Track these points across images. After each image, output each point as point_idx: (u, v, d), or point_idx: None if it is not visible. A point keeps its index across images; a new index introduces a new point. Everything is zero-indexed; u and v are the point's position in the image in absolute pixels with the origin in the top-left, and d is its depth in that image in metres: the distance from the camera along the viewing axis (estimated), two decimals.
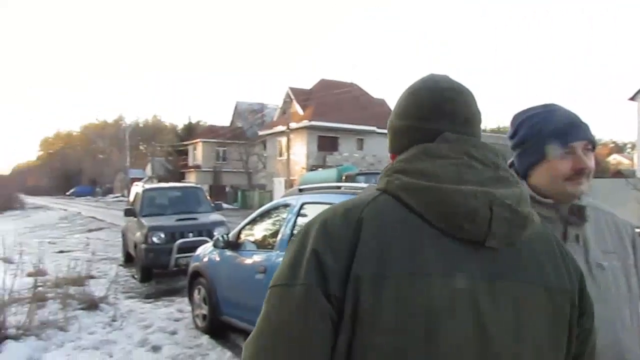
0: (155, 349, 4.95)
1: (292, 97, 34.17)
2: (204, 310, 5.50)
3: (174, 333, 5.50)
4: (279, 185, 32.23)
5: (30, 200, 45.79)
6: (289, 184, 27.65)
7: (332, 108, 31.60)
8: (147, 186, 10.75)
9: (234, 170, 41.50)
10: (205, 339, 5.25)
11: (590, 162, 1.32)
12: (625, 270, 1.36)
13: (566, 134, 1.31)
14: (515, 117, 1.43)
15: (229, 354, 4.79)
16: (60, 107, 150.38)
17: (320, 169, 27.53)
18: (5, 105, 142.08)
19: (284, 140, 31.32)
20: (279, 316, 0.86)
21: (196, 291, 5.70)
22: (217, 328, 5.38)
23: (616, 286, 1.31)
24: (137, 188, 10.97)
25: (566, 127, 1.32)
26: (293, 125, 30.18)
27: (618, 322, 1.27)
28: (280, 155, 33.52)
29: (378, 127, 32.52)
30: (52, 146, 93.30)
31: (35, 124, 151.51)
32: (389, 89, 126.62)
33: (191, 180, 43.20)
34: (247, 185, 38.41)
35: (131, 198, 12.11)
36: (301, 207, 4.46)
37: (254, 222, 5.22)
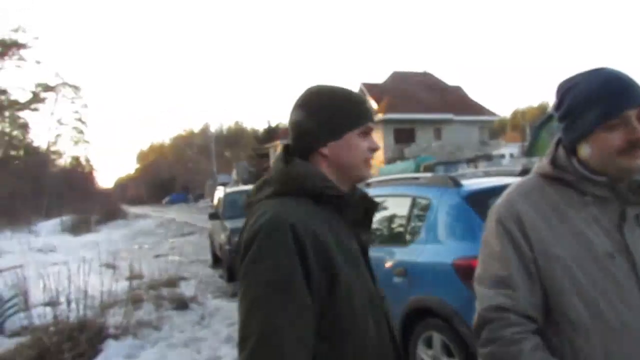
0: None
1: (365, 92, 34.07)
2: None
3: None
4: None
5: (131, 210, 49.36)
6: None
7: (406, 99, 31.16)
8: (228, 190, 11.26)
9: None
10: None
11: None
12: None
13: (617, 100, 1.15)
14: (561, 85, 1.27)
15: None
16: (152, 121, 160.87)
17: (398, 162, 27.26)
18: (103, 123, 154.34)
19: None
20: None
21: None
22: None
23: None
24: (219, 192, 11.50)
25: (616, 91, 1.16)
26: None
27: None
28: None
29: (455, 115, 31.59)
30: (147, 158, 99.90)
31: (131, 139, 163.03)
32: (465, 74, 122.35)
33: None
34: None
35: (215, 202, 12.70)
36: None
37: None
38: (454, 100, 33.64)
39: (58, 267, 6.34)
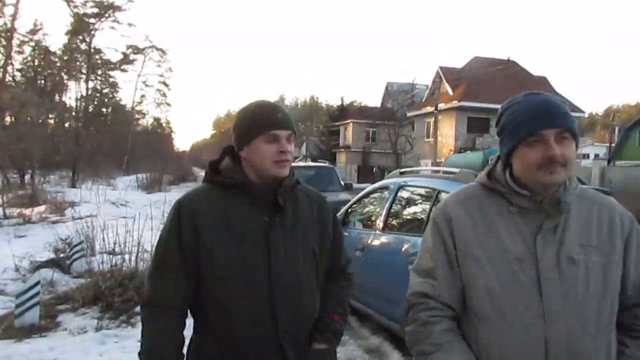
0: None
1: (442, 76, 33.18)
2: None
3: None
4: (432, 167, 31.82)
5: (202, 174, 51.64)
6: (436, 166, 27.16)
7: (485, 87, 30.00)
8: None
9: (383, 151, 41.92)
10: None
11: (566, 151, 1.29)
12: (606, 265, 1.33)
13: (537, 121, 1.29)
14: (502, 105, 1.43)
15: None
16: (230, 89, 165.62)
17: (468, 152, 26.54)
18: (184, 89, 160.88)
19: (431, 121, 30.73)
20: None
21: None
22: None
23: (586, 281, 1.30)
24: None
25: (539, 114, 1.30)
26: (441, 106, 29.40)
27: (575, 318, 1.28)
28: (428, 136, 32.99)
29: None
30: (223, 125, 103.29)
31: (210, 105, 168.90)
32: (552, 65, 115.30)
33: (341, 160, 44.74)
34: (394, 167, 38.58)
35: None
36: (398, 190, 4.58)
37: (359, 202, 5.47)
38: None
39: (125, 220, 6.92)
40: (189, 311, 1.60)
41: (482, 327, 1.32)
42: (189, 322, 1.60)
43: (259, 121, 1.54)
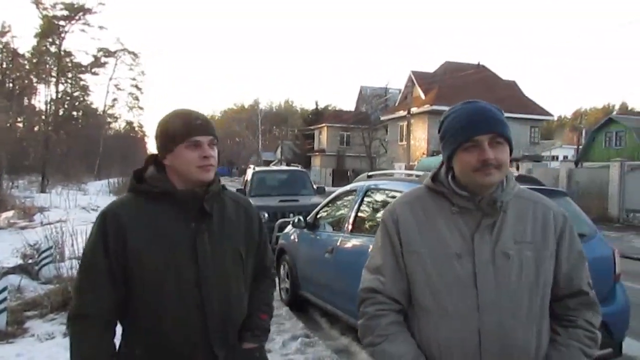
0: None
1: (414, 80, 33.67)
2: (287, 284, 6.02)
3: None
4: (399, 171, 32.19)
5: None
6: (409, 170, 27.51)
7: (456, 91, 30.49)
8: (258, 169, 11.66)
9: (357, 154, 42.21)
10: (285, 310, 5.75)
11: (499, 154, 1.40)
12: (538, 260, 1.44)
13: (472, 128, 1.40)
14: (444, 113, 1.54)
15: (301, 324, 5.22)
16: (204, 92, 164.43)
17: (440, 155, 26.95)
18: (157, 90, 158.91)
19: (404, 125, 31.12)
20: None
21: (282, 267, 6.23)
22: (298, 301, 5.85)
23: (519, 275, 1.41)
24: (250, 170, 11.93)
25: (473, 121, 1.41)
26: (414, 110, 29.82)
27: (507, 309, 1.38)
28: (401, 140, 33.39)
29: (506, 111, 30.51)
30: None
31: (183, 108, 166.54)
32: (522, 70, 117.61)
33: (316, 164, 44.87)
34: (369, 170, 38.82)
35: (247, 178, 13.18)
36: (366, 193, 4.70)
37: (328, 205, 5.57)
38: (506, 96, 32.65)
39: None
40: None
41: (424, 319, 1.43)
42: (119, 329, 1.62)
43: (180, 129, 1.57)
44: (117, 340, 1.60)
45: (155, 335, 1.54)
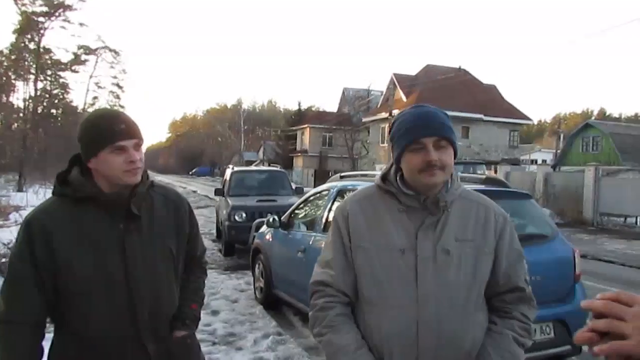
0: (214, 313, 5.62)
1: (396, 83, 33.95)
2: (261, 283, 6.07)
3: (235, 301, 6.16)
4: (371, 172, 32.40)
5: (158, 178, 50.61)
6: None
7: (437, 94, 30.85)
8: (236, 169, 11.67)
9: (339, 155, 42.33)
10: (259, 308, 5.81)
11: (443, 156, 1.47)
12: (477, 257, 1.53)
13: (417, 131, 1.48)
14: (395, 116, 1.61)
15: (273, 323, 5.29)
16: (187, 91, 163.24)
17: None
18: (137, 90, 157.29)
19: (386, 127, 31.34)
20: None
21: (256, 266, 6.28)
22: (272, 300, 5.90)
23: (458, 270, 1.50)
24: (229, 170, 11.95)
25: (418, 125, 1.49)
26: (395, 112, 30.00)
27: (445, 302, 1.47)
28: (383, 142, 33.64)
29: (485, 115, 31.26)
30: (179, 129, 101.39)
31: (165, 108, 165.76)
32: (502, 74, 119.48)
33: (298, 164, 44.89)
34: (350, 171, 38.99)
35: (226, 178, 13.17)
36: (338, 193, 4.78)
37: (302, 205, 5.64)
38: (487, 100, 33.17)
39: None
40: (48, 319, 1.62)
41: (368, 311, 1.51)
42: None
43: (104, 133, 1.55)
44: (48, 342, 1.63)
45: (86, 337, 1.57)
